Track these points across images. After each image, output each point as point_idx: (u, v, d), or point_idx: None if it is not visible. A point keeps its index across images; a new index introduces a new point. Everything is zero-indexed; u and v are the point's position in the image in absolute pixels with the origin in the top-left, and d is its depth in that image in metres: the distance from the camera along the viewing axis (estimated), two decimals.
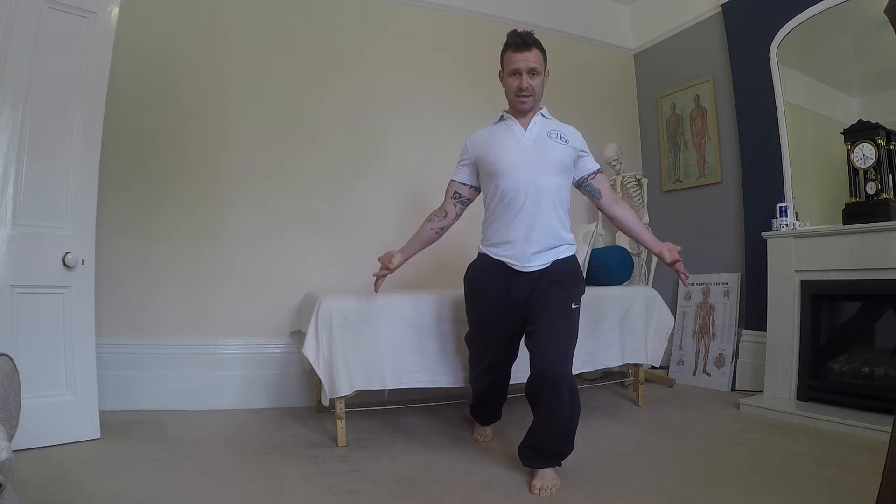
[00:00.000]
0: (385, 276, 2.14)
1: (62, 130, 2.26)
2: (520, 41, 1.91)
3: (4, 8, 2.11)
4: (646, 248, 2.13)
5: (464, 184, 2.09)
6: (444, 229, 2.14)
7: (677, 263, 2.00)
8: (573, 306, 1.90)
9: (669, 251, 2.01)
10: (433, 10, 3.58)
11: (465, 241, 2.54)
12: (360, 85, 3.32)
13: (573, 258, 1.99)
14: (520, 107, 1.96)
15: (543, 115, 2.01)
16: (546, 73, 1.99)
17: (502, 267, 1.93)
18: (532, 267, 1.90)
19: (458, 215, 2.13)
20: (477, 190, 2.10)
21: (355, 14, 3.36)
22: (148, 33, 2.90)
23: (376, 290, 2.19)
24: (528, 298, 1.91)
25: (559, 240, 1.93)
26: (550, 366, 1.79)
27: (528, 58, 1.90)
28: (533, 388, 1.87)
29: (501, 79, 2.00)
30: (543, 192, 1.89)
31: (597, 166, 2.04)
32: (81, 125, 2.30)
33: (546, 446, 1.85)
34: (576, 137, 2.00)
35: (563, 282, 1.91)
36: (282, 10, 3.18)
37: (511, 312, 1.96)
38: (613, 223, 2.13)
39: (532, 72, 1.91)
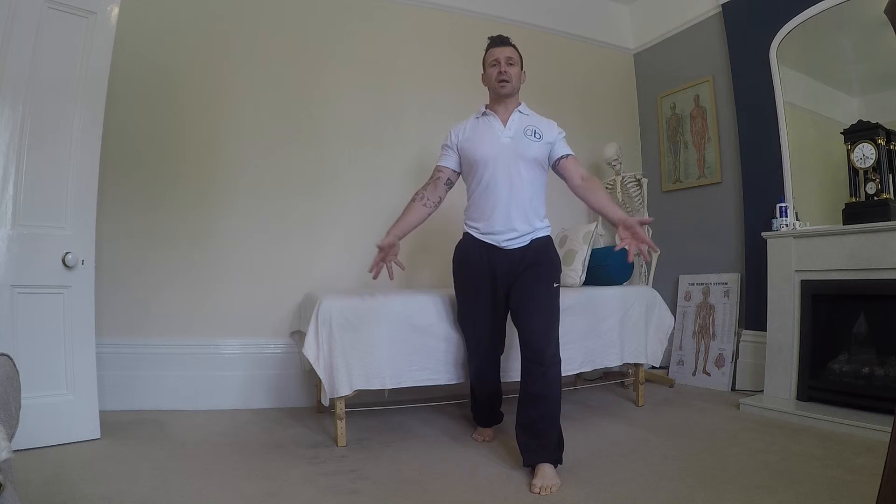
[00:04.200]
0: (391, 263, 2.12)
1: (62, 130, 2.26)
2: (498, 39, 2.18)
3: (4, 8, 2.11)
4: (609, 222, 2.04)
5: (453, 170, 2.24)
6: (434, 210, 2.27)
7: (628, 237, 1.86)
8: (554, 285, 2.08)
9: (625, 227, 1.87)
10: (434, 10, 3.58)
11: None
12: (361, 83, 3.33)
13: (549, 238, 2.17)
14: (500, 90, 2.12)
15: (521, 112, 2.17)
16: (523, 73, 2.19)
17: (486, 245, 2.12)
18: (512, 246, 2.09)
19: (443, 197, 2.28)
20: (459, 174, 2.26)
21: (356, 14, 3.36)
22: (148, 33, 2.90)
23: (375, 277, 2.13)
24: (510, 274, 2.09)
25: (534, 226, 2.12)
26: (537, 337, 1.97)
27: (506, 51, 2.15)
28: (524, 363, 2.01)
29: (483, 79, 2.22)
30: (520, 184, 2.08)
31: (566, 151, 2.16)
32: (81, 125, 2.30)
33: (533, 421, 1.92)
34: (551, 131, 2.16)
35: (542, 262, 2.08)
36: (281, 10, 3.18)
37: (494, 285, 2.12)
38: (586, 204, 2.17)
39: (509, 61, 2.13)
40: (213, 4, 3.05)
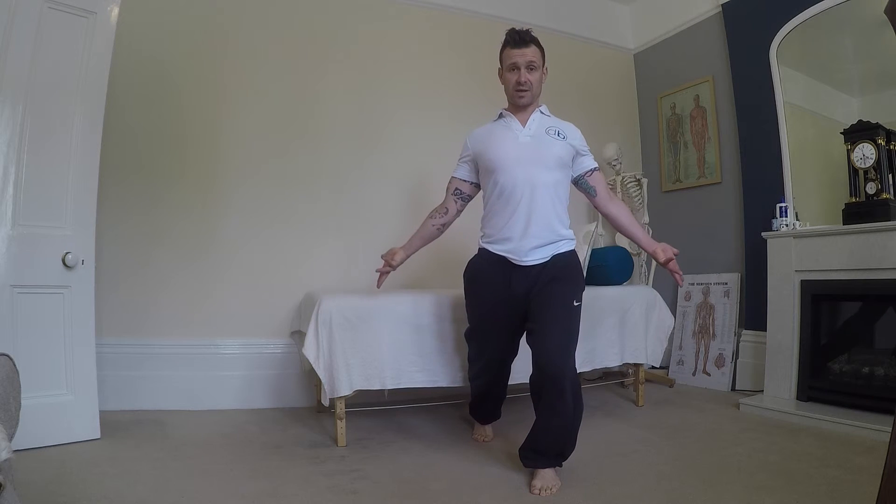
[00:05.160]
0: (388, 272, 2.18)
1: (62, 130, 2.26)
2: (518, 38, 1.94)
3: (4, 8, 2.11)
4: (640, 246, 2.13)
5: (464, 180, 2.12)
6: (445, 225, 2.18)
7: (671, 263, 2.01)
8: (575, 303, 1.90)
9: (664, 251, 2.01)
10: (434, 10, 3.58)
11: (466, 240, 2.53)
12: (361, 84, 3.33)
13: (573, 253, 1.99)
14: (518, 101, 1.97)
15: (542, 113, 2.02)
16: (544, 71, 2.01)
17: (502, 261, 1.95)
18: (531, 261, 1.91)
19: (458, 211, 2.17)
20: (477, 186, 2.13)
21: (356, 13, 3.36)
22: (148, 33, 2.89)
23: (379, 286, 2.21)
24: (529, 294, 1.92)
25: (557, 235, 1.94)
26: (553, 363, 1.79)
27: (526, 53, 1.93)
28: (535, 386, 1.88)
29: (501, 76, 2.03)
30: (541, 187, 1.91)
31: (594, 164, 2.06)
32: (81, 125, 2.30)
33: (548, 446, 1.85)
34: (575, 135, 2.01)
35: (563, 278, 1.91)
36: (281, 10, 3.18)
37: (511, 308, 1.96)
38: (608, 221, 2.15)
39: (530, 66, 1.93)
40: (213, 4, 3.05)
